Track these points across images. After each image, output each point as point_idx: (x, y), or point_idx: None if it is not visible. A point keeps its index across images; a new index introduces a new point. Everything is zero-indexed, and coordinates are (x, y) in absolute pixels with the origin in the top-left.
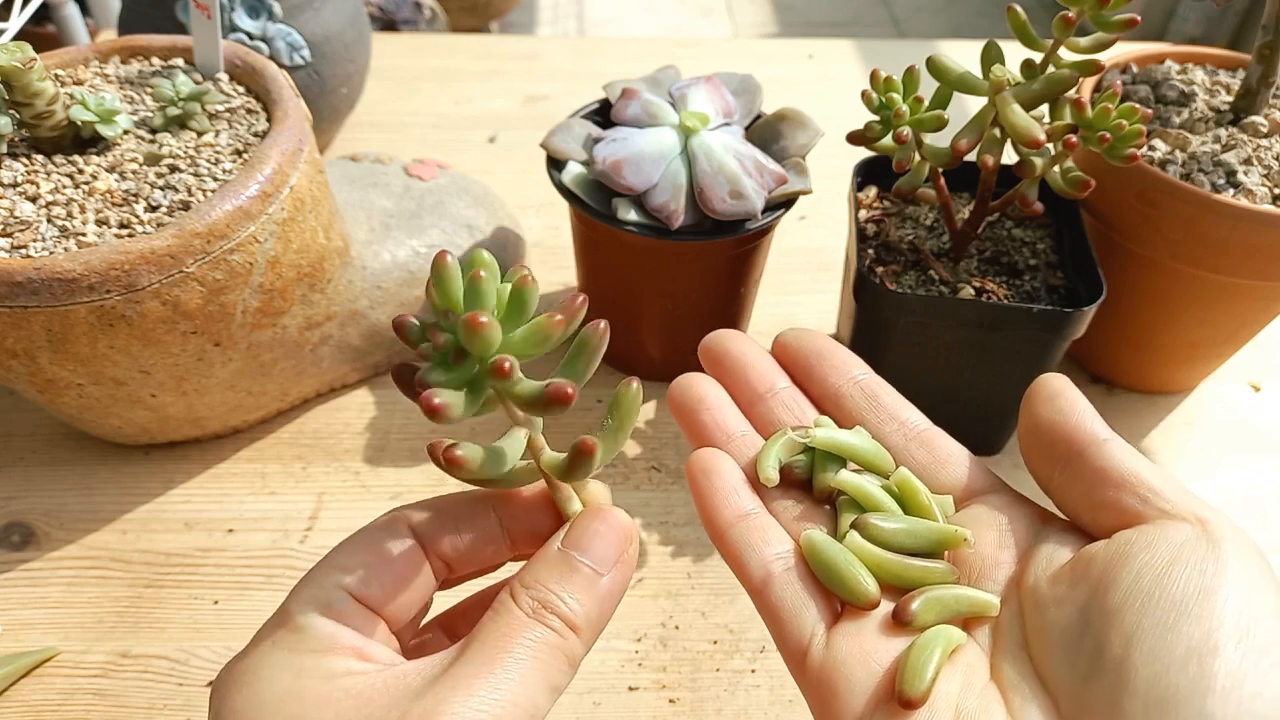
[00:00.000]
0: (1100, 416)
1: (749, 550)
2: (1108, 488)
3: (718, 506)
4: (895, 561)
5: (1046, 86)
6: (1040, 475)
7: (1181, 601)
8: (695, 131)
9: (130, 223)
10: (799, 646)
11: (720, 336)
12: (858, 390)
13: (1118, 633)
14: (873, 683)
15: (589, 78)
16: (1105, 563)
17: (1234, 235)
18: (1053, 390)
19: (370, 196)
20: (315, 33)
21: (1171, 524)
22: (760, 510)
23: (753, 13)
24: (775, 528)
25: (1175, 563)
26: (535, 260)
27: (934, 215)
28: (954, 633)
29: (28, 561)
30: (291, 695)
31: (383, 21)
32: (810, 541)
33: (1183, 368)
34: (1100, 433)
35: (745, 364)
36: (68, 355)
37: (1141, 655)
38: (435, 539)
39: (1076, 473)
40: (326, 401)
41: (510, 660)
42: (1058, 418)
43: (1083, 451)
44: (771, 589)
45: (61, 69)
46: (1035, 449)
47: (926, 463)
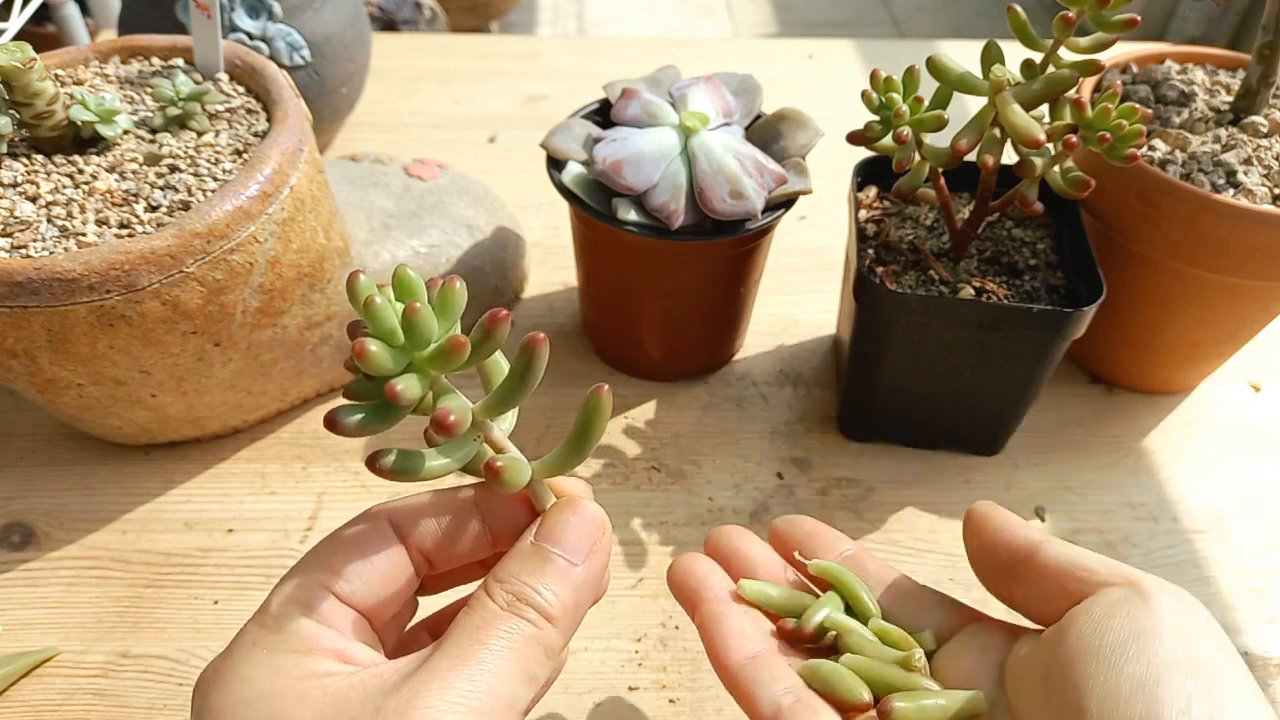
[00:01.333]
0: (1030, 525)
1: (759, 687)
2: (1052, 579)
3: (728, 649)
4: (882, 668)
5: (1046, 86)
6: (997, 590)
7: (1120, 644)
8: (695, 131)
9: (130, 223)
10: None
11: (728, 537)
12: (847, 562)
13: (1070, 683)
14: None
15: (589, 78)
16: (1056, 632)
17: (1234, 235)
18: (981, 515)
19: (370, 196)
20: (315, 33)
21: (1107, 589)
22: (769, 650)
23: (753, 13)
24: (782, 665)
25: (1111, 616)
26: (535, 260)
27: (934, 215)
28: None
29: (28, 561)
30: (270, 694)
31: (383, 21)
32: (809, 665)
33: (1183, 368)
34: (1034, 537)
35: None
36: (68, 355)
37: (1094, 698)
38: (416, 535)
39: (1023, 577)
40: (326, 401)
41: (485, 652)
42: (995, 535)
43: (1024, 558)
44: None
45: (61, 69)
46: (985, 569)
47: (912, 611)
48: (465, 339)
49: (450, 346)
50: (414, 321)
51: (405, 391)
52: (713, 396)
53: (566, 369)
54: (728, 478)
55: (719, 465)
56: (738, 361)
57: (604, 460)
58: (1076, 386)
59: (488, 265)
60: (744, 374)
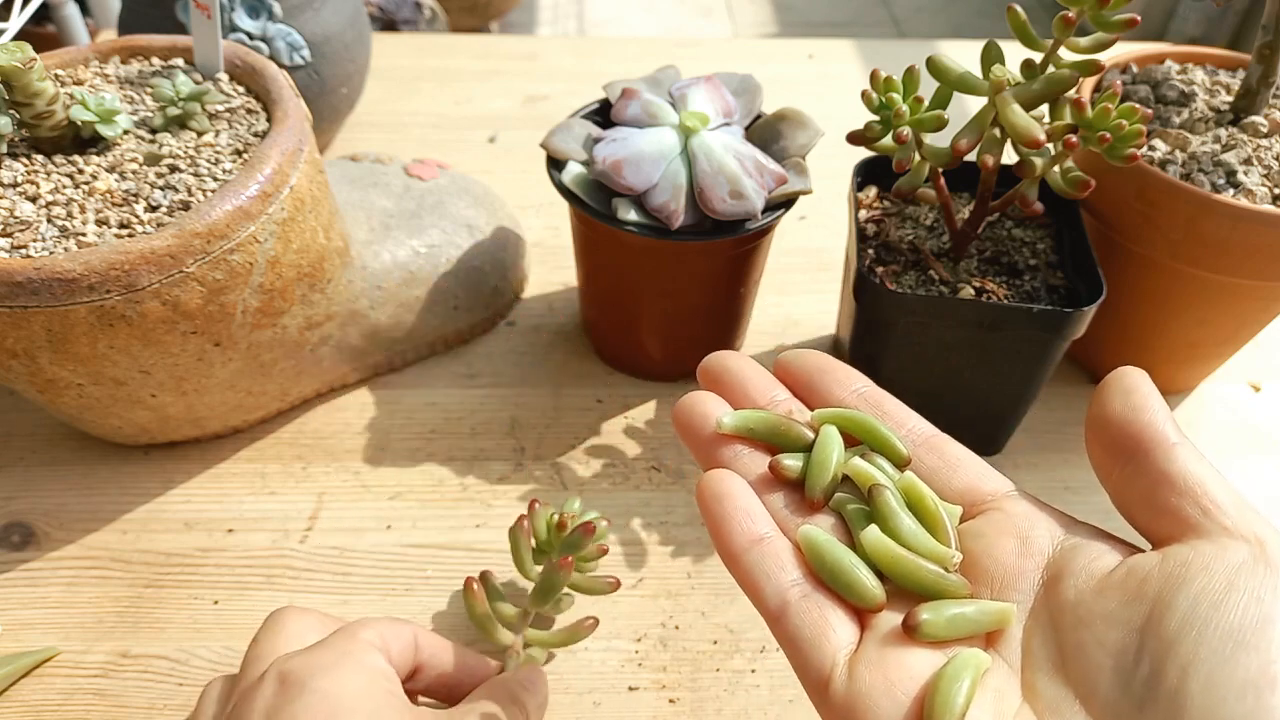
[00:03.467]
0: (1174, 418)
1: (765, 577)
2: (1170, 493)
3: (731, 532)
4: (911, 562)
5: (1046, 86)
6: (1101, 468)
7: (1239, 630)
8: (695, 131)
9: (130, 223)
10: (820, 677)
11: (719, 357)
12: (861, 401)
13: (1174, 661)
14: (900, 712)
15: (589, 78)
16: (1161, 583)
17: (1234, 235)
18: (1128, 385)
19: (370, 196)
20: (315, 33)
21: (1230, 543)
22: (775, 534)
23: (753, 13)
24: (789, 551)
25: (1232, 589)
26: (535, 260)
27: (934, 215)
28: (980, 657)
29: (28, 561)
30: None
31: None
32: (809, 539)
33: (1183, 368)
34: (1171, 435)
35: (744, 378)
36: (68, 355)
37: (1197, 685)
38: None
39: (1140, 472)
40: (326, 401)
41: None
42: (1129, 414)
43: (1150, 452)
44: (789, 617)
45: (61, 69)
46: (1100, 441)
47: (937, 468)
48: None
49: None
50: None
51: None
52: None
53: (566, 369)
54: None
55: None
56: None
57: (604, 460)
58: (1076, 386)
59: (488, 265)
60: None
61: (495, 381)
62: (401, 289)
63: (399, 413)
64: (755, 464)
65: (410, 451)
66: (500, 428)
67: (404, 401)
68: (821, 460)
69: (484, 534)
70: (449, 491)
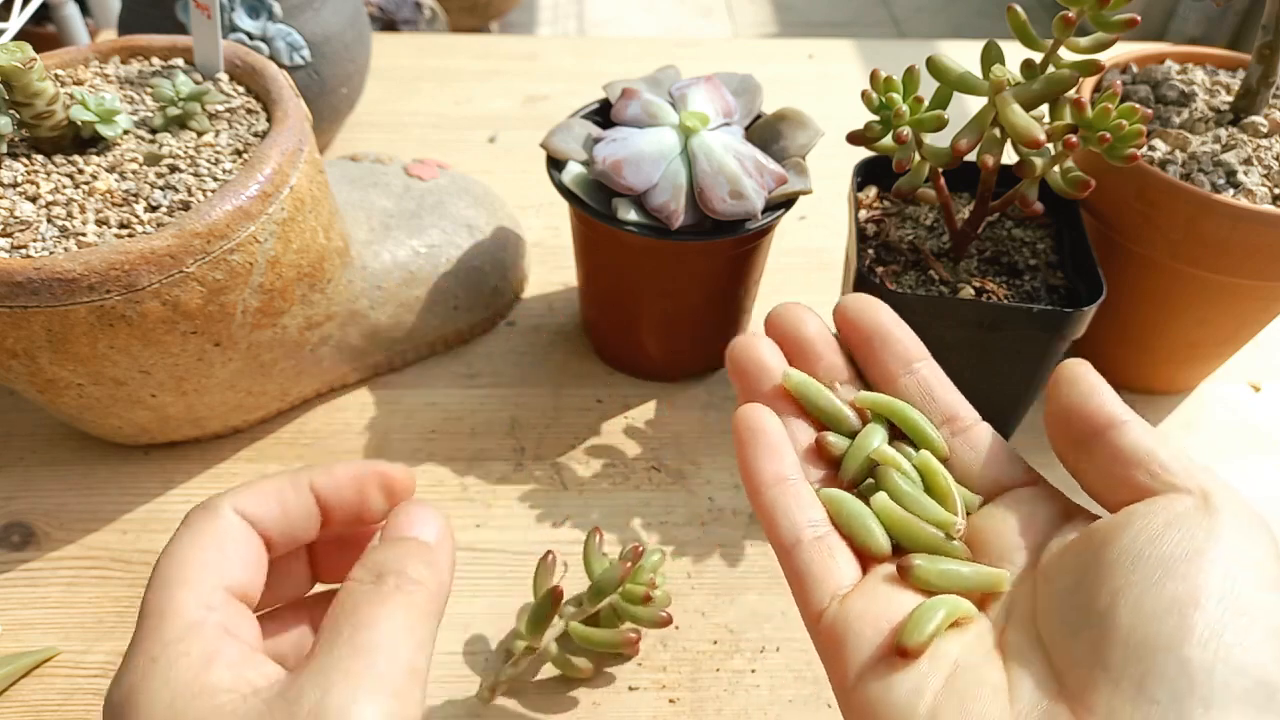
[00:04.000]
0: (1120, 399)
1: (783, 514)
2: (1122, 465)
3: (760, 466)
4: (914, 523)
5: (1046, 86)
6: (1065, 458)
7: (1169, 560)
8: (695, 131)
9: (130, 223)
10: (818, 608)
11: (794, 313)
12: (914, 382)
13: (1106, 588)
14: (879, 638)
15: (589, 78)
16: (1106, 531)
17: (1234, 235)
18: (1074, 375)
19: (370, 196)
20: (315, 33)
21: (1175, 496)
22: (800, 478)
23: (753, 13)
24: (811, 496)
25: (1169, 527)
26: (535, 260)
27: (934, 215)
28: (962, 603)
29: (28, 561)
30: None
31: (383, 21)
32: (830, 495)
33: (1183, 368)
34: (1119, 414)
35: (812, 343)
36: (68, 355)
37: (1126, 607)
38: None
39: (1095, 453)
40: (326, 401)
41: (374, 633)
42: (1078, 400)
43: (1102, 433)
44: (800, 552)
45: (61, 69)
46: (1058, 432)
47: (969, 458)
48: None
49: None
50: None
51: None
52: (713, 396)
53: (566, 369)
54: (728, 478)
55: (719, 465)
56: None
57: (604, 460)
58: None
59: (488, 265)
60: None
61: (495, 381)
62: (401, 289)
63: (399, 413)
64: (801, 434)
65: (410, 451)
66: (500, 428)
67: (404, 401)
68: (860, 448)
69: (484, 534)
70: (449, 491)
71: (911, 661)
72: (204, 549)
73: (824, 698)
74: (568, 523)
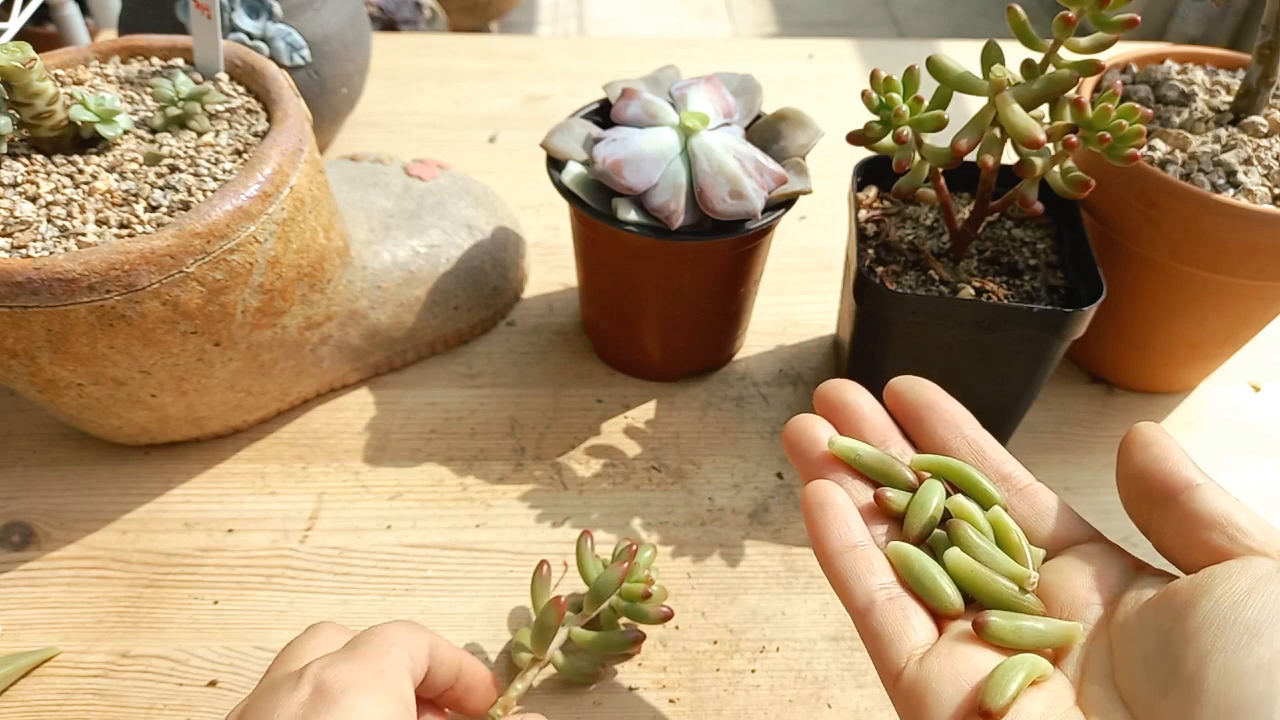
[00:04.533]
0: (1193, 462)
1: (855, 579)
2: (1199, 529)
3: (828, 535)
4: (988, 577)
5: (1046, 86)
6: (1138, 518)
7: (1255, 625)
8: (695, 131)
9: (130, 223)
10: (895, 668)
11: (839, 387)
12: (965, 445)
13: (1193, 652)
14: (960, 698)
15: (589, 78)
16: (1189, 593)
17: (1234, 235)
18: (1147, 439)
19: (370, 196)
20: (315, 33)
21: (1255, 559)
22: (869, 543)
23: (753, 13)
24: (881, 560)
25: (1253, 592)
26: (535, 260)
27: (934, 215)
28: (1041, 661)
29: (28, 561)
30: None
31: (383, 21)
32: (899, 551)
33: (1183, 368)
34: (1195, 478)
35: (861, 415)
36: (68, 355)
37: (1214, 670)
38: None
39: (1171, 515)
40: (326, 401)
41: None
42: (1153, 465)
43: (1176, 495)
44: (874, 614)
45: (61, 69)
46: (1132, 494)
47: (1027, 515)
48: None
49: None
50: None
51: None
52: (712, 396)
53: (566, 369)
54: (728, 478)
55: (719, 465)
56: (738, 361)
57: (604, 460)
58: (1076, 386)
59: (488, 265)
60: (744, 374)
61: (495, 381)
62: (401, 289)
63: (399, 413)
64: (858, 494)
65: (410, 451)
66: (500, 428)
67: (404, 401)
68: (923, 502)
69: (484, 534)
70: (449, 491)
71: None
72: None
73: (824, 698)
74: (568, 523)
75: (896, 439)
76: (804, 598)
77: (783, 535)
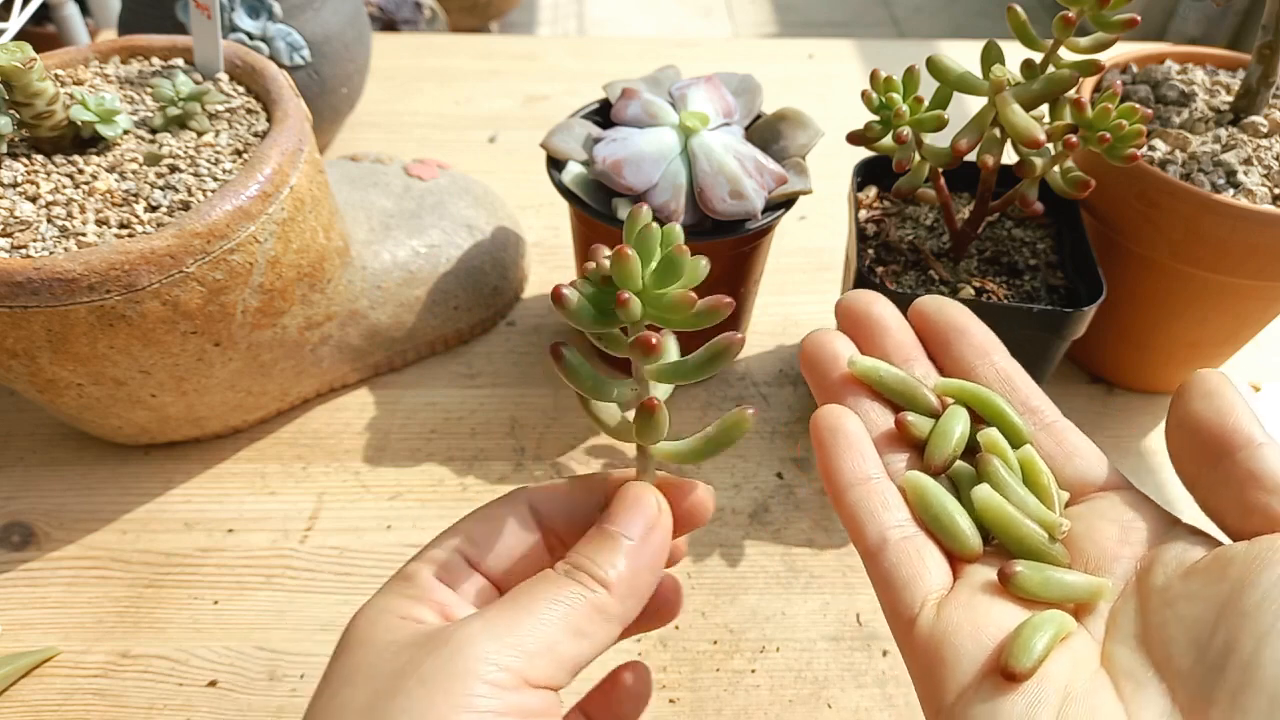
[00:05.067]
0: (1259, 419)
1: (868, 515)
2: (1259, 491)
3: (840, 467)
4: (1018, 521)
5: (1046, 86)
6: (1186, 472)
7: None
8: (695, 131)
9: (130, 223)
10: (908, 614)
11: (862, 297)
12: (992, 373)
13: (1250, 632)
14: (981, 655)
15: (589, 78)
16: (1245, 564)
17: (1234, 235)
18: (1210, 387)
19: (370, 196)
20: (315, 33)
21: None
22: (883, 476)
23: (753, 13)
24: (896, 495)
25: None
26: (535, 260)
27: (934, 215)
28: (1067, 619)
29: (28, 561)
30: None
31: (383, 21)
32: (915, 483)
33: (1183, 368)
34: (1257, 435)
35: (885, 329)
36: (68, 355)
37: (1271, 655)
38: (550, 515)
39: (1227, 473)
40: (326, 401)
41: (535, 603)
42: (1213, 416)
43: (1236, 453)
44: (886, 554)
45: (61, 69)
46: (1184, 445)
47: (1054, 453)
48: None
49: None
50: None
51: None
52: (712, 396)
53: None
54: (728, 478)
55: (719, 465)
56: (738, 361)
57: (604, 460)
58: (1076, 386)
59: (488, 265)
60: (744, 374)
61: (495, 381)
62: (401, 289)
63: (399, 413)
64: (878, 417)
65: (410, 451)
66: (500, 428)
67: (404, 401)
68: (946, 430)
69: None
70: (449, 491)
71: (1019, 685)
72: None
73: (824, 698)
74: None
75: (921, 359)
76: (804, 598)
77: (783, 535)
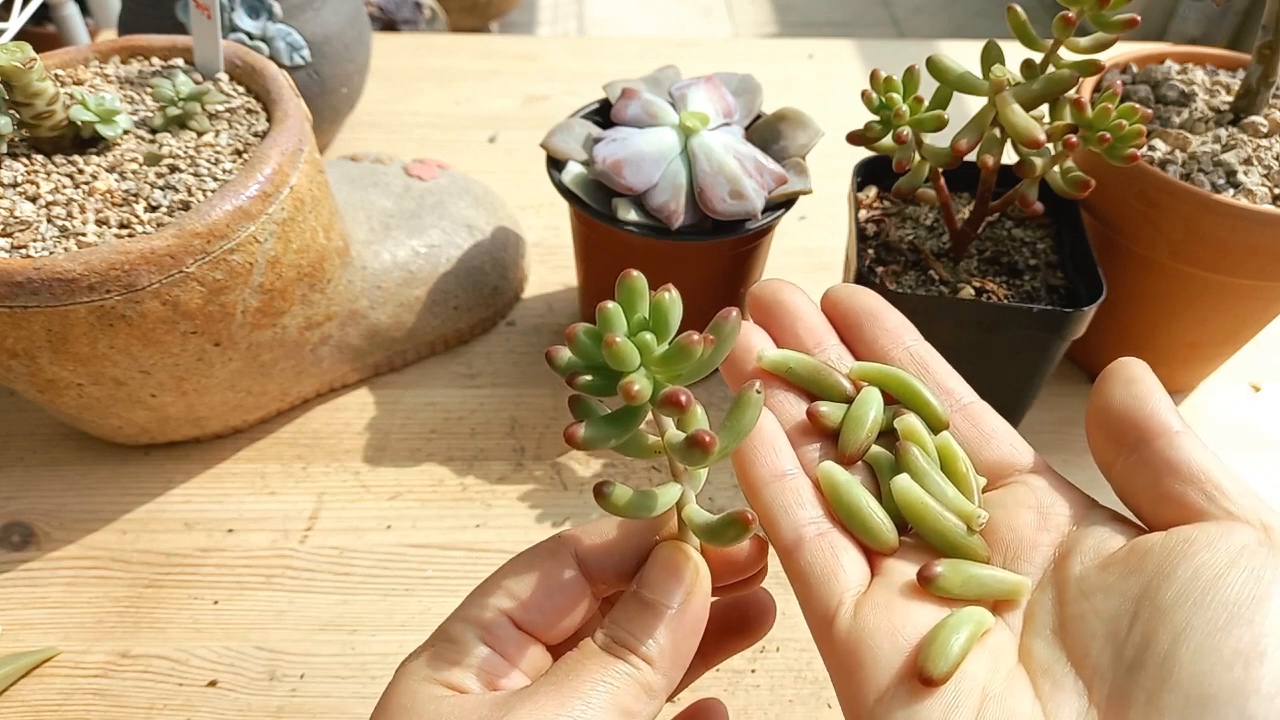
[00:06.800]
0: (1176, 410)
1: (782, 512)
2: (1174, 480)
3: (754, 464)
4: (937, 513)
5: (1046, 86)
6: (1102, 458)
7: (1234, 605)
8: (695, 131)
9: (130, 223)
10: (825, 613)
11: (770, 285)
12: (906, 356)
13: (1167, 629)
14: (899, 658)
15: (589, 78)
16: (1162, 556)
17: (1234, 235)
18: (1130, 375)
19: (370, 196)
20: (315, 33)
21: (1235, 526)
22: (798, 472)
23: (753, 13)
24: (810, 490)
25: (1233, 566)
26: (535, 260)
27: (934, 215)
28: (985, 616)
29: (28, 561)
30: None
31: (383, 21)
32: (829, 476)
33: (1183, 368)
34: (1174, 424)
35: (796, 315)
36: (68, 355)
37: (1188, 653)
38: (599, 567)
39: (1143, 461)
40: (326, 401)
41: (581, 684)
42: (1132, 403)
43: (1153, 440)
44: (802, 553)
45: (61, 69)
46: (1102, 431)
47: (970, 437)
48: (696, 337)
49: (688, 343)
50: (663, 308)
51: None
52: (713, 396)
53: None
54: (728, 478)
55: (719, 465)
56: None
57: (604, 460)
58: (1076, 386)
59: (488, 265)
60: None
61: (495, 381)
62: (401, 289)
63: (399, 413)
64: (791, 408)
65: (410, 451)
66: (500, 428)
67: (404, 401)
68: (859, 416)
69: (484, 534)
70: (449, 491)
71: (936, 690)
72: (505, 573)
73: (824, 697)
74: (568, 523)
75: (834, 344)
76: None
77: None
